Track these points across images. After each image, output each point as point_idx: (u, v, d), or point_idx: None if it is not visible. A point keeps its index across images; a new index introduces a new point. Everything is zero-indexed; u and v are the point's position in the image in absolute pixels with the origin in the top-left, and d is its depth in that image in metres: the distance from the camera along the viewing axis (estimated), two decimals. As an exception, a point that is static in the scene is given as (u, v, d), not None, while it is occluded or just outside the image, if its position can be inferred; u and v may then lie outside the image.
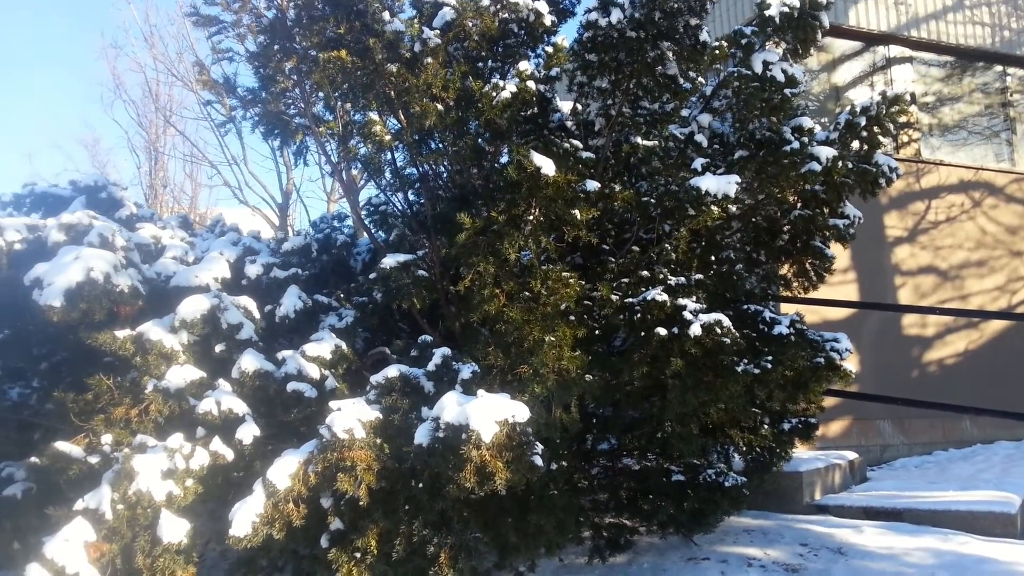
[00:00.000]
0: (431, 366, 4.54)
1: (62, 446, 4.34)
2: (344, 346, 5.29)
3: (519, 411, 3.98)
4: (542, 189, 4.67)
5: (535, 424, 4.18)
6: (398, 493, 4.26)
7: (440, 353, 4.55)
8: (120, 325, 4.97)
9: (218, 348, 5.02)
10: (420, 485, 4.18)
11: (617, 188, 5.40)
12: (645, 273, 5.58)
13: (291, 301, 5.44)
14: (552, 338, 4.78)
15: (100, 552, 3.88)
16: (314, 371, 5.00)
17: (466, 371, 4.44)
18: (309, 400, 4.86)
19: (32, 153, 44.15)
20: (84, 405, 4.83)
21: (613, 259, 5.79)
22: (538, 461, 3.97)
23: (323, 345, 5.17)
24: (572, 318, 5.01)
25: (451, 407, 4.06)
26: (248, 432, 4.57)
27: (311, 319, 5.58)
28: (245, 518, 3.95)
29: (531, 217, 5.05)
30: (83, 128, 50.18)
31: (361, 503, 4.08)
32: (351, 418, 4.12)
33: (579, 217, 4.88)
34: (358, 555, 4.20)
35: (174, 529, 4.01)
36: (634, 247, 5.88)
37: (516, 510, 5.07)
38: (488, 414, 3.91)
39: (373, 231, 6.36)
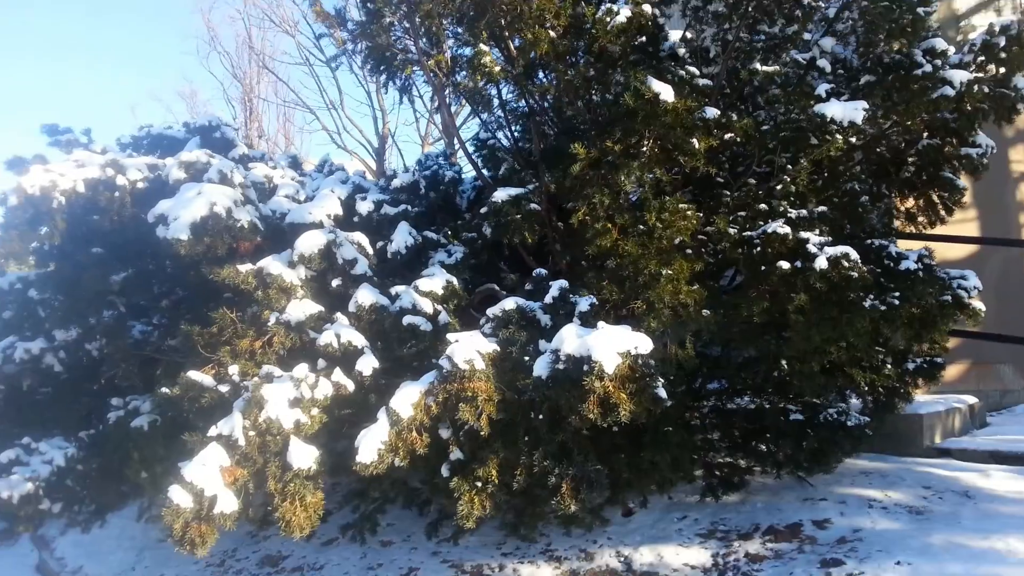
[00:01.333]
0: (548, 299, 4.49)
1: (194, 375, 4.50)
2: (455, 281, 5.31)
3: (642, 342, 3.90)
4: (660, 117, 4.51)
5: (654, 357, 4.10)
6: (517, 424, 4.27)
7: (557, 286, 4.50)
8: (239, 261, 5.09)
9: (334, 283, 5.10)
10: (540, 417, 4.18)
11: (734, 117, 5.18)
12: (763, 206, 5.38)
13: (402, 237, 5.47)
14: (669, 272, 4.67)
15: (234, 476, 4.03)
16: (427, 305, 5.03)
17: (584, 303, 4.37)
18: (424, 334, 4.90)
19: (135, 106, 45.73)
20: (209, 338, 5.00)
21: (728, 192, 5.60)
22: (662, 393, 3.90)
23: (435, 280, 5.19)
24: (689, 251, 4.88)
25: (571, 339, 4.01)
26: (367, 364, 4.64)
27: (420, 255, 5.61)
28: (370, 445, 4.03)
29: (645, 148, 4.91)
30: (181, 81, 51.61)
31: (482, 433, 4.11)
32: (470, 349, 4.13)
33: (697, 146, 4.71)
34: (479, 484, 4.25)
35: (303, 455, 4.13)
36: (749, 180, 5.67)
37: (629, 447, 5.04)
38: (610, 345, 3.85)
39: (480, 167, 6.28)
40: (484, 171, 6.52)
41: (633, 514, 6.02)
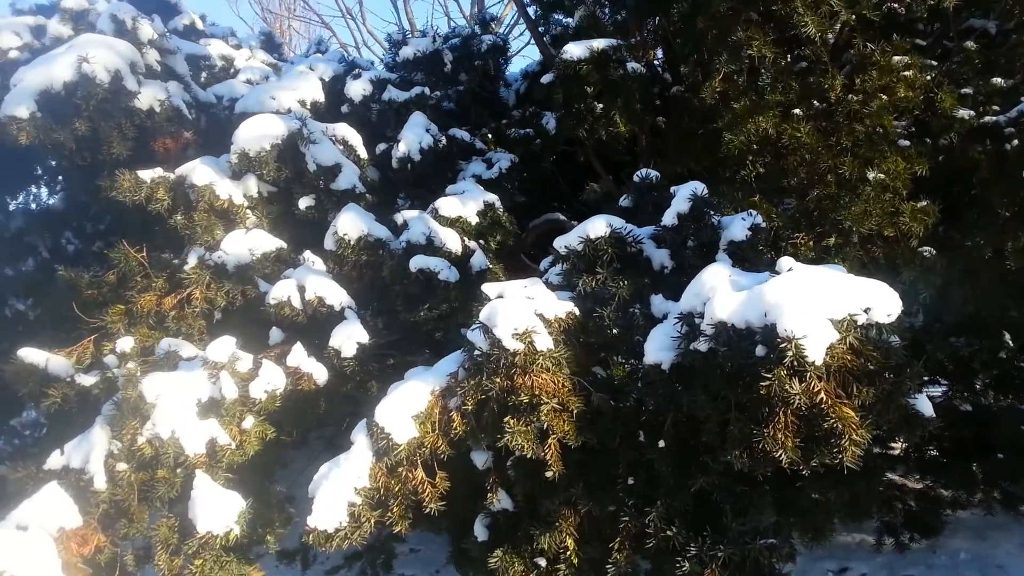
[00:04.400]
0: (669, 219, 2.42)
1: (28, 354, 2.58)
2: (499, 205, 3.35)
3: (880, 298, 1.87)
4: None
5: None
6: (614, 455, 2.28)
7: (687, 192, 2.39)
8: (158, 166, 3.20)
9: (303, 203, 3.15)
10: (660, 443, 2.19)
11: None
12: (999, 81, 3.32)
13: (415, 135, 3.48)
14: (879, 176, 2.63)
15: (87, 548, 2.14)
16: (453, 241, 3.08)
17: (737, 228, 2.32)
18: (445, 287, 2.94)
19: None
20: (107, 292, 3.13)
21: (932, 62, 3.53)
22: (925, 408, 1.89)
23: (467, 202, 3.24)
24: (906, 143, 2.83)
25: (725, 291, 2.00)
26: (349, 336, 2.72)
27: (445, 165, 3.63)
28: (334, 497, 2.09)
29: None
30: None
31: (548, 473, 2.15)
32: (526, 312, 2.15)
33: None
34: (543, 563, 2.29)
35: (215, 509, 2.21)
36: (965, 42, 3.59)
37: (775, 477, 3.03)
38: (815, 304, 1.84)
39: (537, 25, 4.06)
40: (543, 33, 4.22)
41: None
